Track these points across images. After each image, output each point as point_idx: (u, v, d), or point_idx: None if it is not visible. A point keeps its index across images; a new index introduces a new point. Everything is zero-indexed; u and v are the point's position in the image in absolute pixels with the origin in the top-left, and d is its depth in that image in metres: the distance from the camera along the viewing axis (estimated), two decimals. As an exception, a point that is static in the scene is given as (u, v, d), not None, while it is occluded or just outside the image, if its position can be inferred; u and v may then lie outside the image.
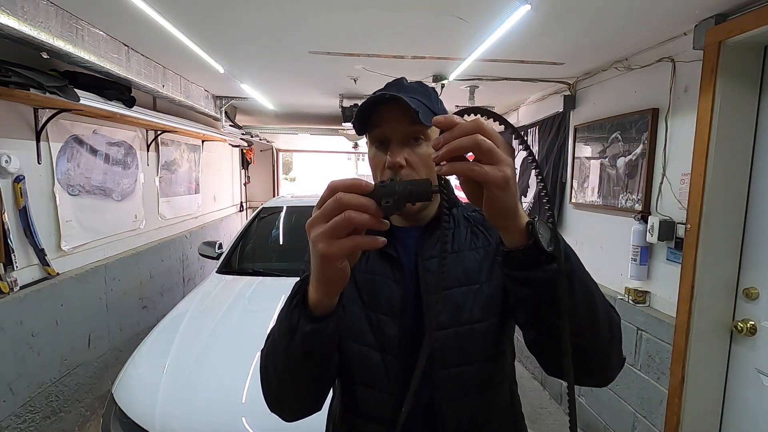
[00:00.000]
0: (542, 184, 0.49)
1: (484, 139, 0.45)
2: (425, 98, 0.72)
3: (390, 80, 0.77)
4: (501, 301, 0.73)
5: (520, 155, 3.60)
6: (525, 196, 3.50)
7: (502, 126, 0.50)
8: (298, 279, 0.81)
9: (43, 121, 2.11)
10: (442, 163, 0.47)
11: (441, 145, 0.46)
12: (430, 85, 0.78)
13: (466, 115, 0.49)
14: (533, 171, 0.48)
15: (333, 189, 0.49)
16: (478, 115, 0.49)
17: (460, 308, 0.72)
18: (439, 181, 0.59)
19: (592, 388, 2.47)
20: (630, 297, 2.12)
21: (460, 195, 0.89)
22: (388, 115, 0.70)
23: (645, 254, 2.05)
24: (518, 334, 0.80)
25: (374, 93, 0.74)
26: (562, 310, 0.50)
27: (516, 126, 3.78)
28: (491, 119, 0.50)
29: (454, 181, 0.78)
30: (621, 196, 2.26)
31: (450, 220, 0.80)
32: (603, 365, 0.60)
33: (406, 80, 0.76)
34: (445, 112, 0.77)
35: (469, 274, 0.74)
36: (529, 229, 0.51)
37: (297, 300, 0.57)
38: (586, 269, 0.57)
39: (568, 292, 0.51)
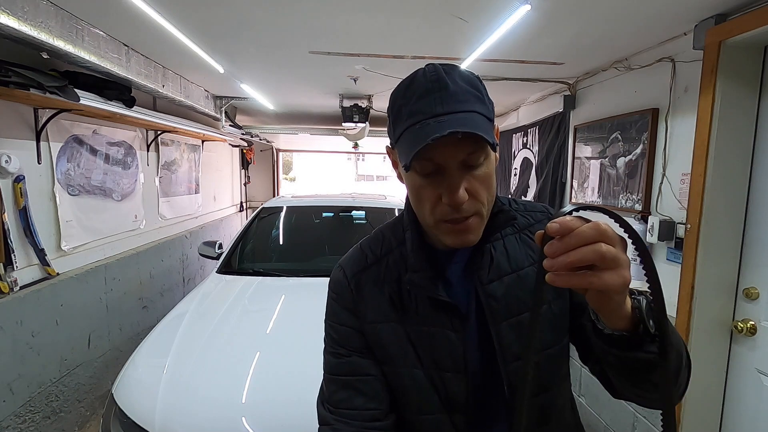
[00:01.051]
0: (650, 290, 0.43)
1: (609, 248, 0.41)
2: (480, 103, 0.58)
3: (406, 75, 0.61)
4: (569, 320, 0.69)
5: (520, 155, 3.60)
6: (525, 196, 3.50)
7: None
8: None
9: (43, 121, 2.11)
10: (553, 271, 0.42)
11: (558, 253, 0.41)
12: (469, 73, 0.61)
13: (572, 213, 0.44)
14: (644, 277, 0.42)
15: None
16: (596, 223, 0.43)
17: None
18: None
19: (592, 388, 2.47)
20: (630, 297, 2.12)
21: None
22: (441, 145, 0.54)
23: (645, 254, 2.05)
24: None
25: (413, 93, 0.58)
26: (661, 391, 0.47)
27: (516, 126, 3.76)
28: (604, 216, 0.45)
29: None
30: (621, 196, 2.26)
31: (507, 218, 0.69)
32: (675, 403, 0.60)
33: (446, 74, 0.58)
34: (491, 102, 0.63)
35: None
36: (636, 315, 0.47)
37: None
38: (678, 335, 0.56)
39: (664, 366, 0.47)
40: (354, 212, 3.16)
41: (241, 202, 5.98)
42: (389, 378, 0.69)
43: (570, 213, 0.44)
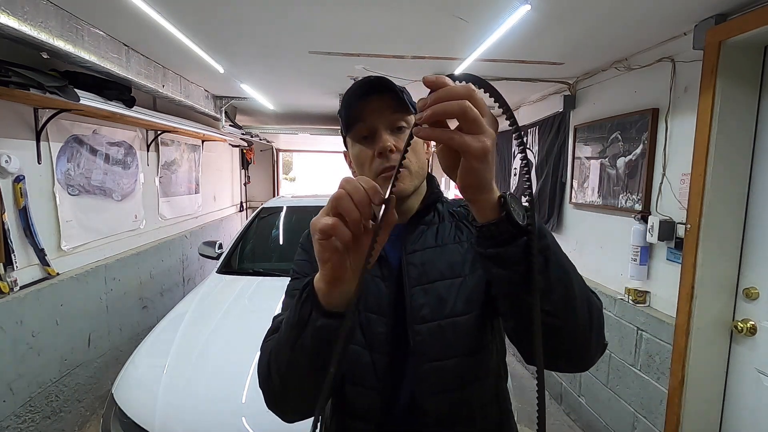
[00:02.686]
0: (523, 154, 0.46)
1: (472, 107, 0.43)
2: (403, 93, 0.74)
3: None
4: (484, 294, 0.73)
5: (519, 159, 3.60)
6: (525, 196, 3.49)
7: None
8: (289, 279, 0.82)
9: (43, 121, 2.11)
10: (423, 126, 0.44)
11: (427, 105, 0.43)
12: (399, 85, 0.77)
13: (456, 81, 0.46)
14: (515, 143, 0.45)
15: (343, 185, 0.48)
16: (469, 83, 0.45)
17: (443, 301, 0.72)
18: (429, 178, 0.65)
19: (592, 388, 2.47)
20: (630, 297, 2.12)
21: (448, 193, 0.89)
22: (370, 107, 0.71)
23: (645, 254, 2.05)
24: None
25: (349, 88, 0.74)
26: (533, 287, 0.48)
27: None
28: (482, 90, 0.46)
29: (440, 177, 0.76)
30: (621, 196, 2.26)
31: (435, 214, 0.81)
32: (580, 349, 0.58)
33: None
34: (413, 105, 0.74)
35: (452, 268, 0.74)
36: (501, 203, 0.50)
37: (307, 292, 0.55)
38: (563, 250, 0.55)
39: (542, 270, 0.50)
40: (354, 212, 3.15)
41: (241, 202, 5.98)
42: None
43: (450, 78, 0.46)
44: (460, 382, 0.72)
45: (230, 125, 4.20)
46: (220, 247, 2.87)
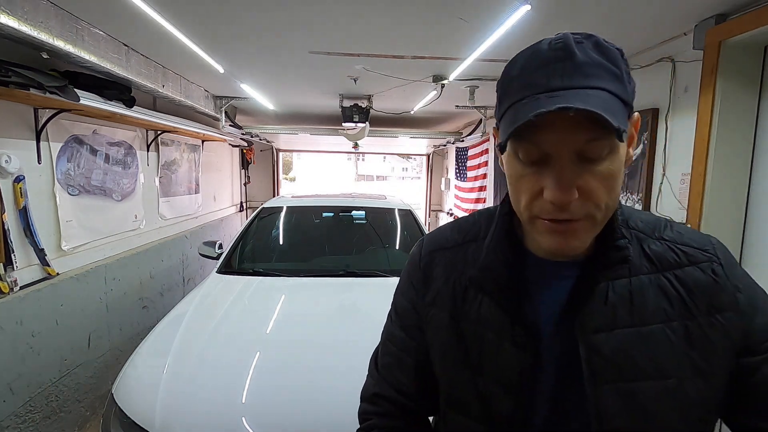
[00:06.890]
0: None
1: None
2: (614, 81, 0.47)
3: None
4: (721, 407, 0.53)
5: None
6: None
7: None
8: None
9: (43, 121, 2.11)
10: None
11: None
12: (609, 45, 0.48)
13: None
14: None
15: None
16: None
17: (647, 413, 0.50)
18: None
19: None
20: (630, 297, 2.12)
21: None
22: (553, 125, 0.45)
23: (645, 254, 2.05)
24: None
25: (530, 65, 0.48)
26: None
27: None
28: None
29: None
30: (621, 195, 2.26)
31: (619, 257, 0.53)
32: None
33: (575, 43, 0.46)
34: (633, 82, 0.51)
35: (659, 363, 0.50)
36: None
37: None
38: None
39: None
40: (354, 212, 3.16)
41: (241, 202, 5.98)
42: (434, 365, 0.64)
43: None
44: None
45: (230, 125, 4.20)
46: (220, 247, 2.87)
